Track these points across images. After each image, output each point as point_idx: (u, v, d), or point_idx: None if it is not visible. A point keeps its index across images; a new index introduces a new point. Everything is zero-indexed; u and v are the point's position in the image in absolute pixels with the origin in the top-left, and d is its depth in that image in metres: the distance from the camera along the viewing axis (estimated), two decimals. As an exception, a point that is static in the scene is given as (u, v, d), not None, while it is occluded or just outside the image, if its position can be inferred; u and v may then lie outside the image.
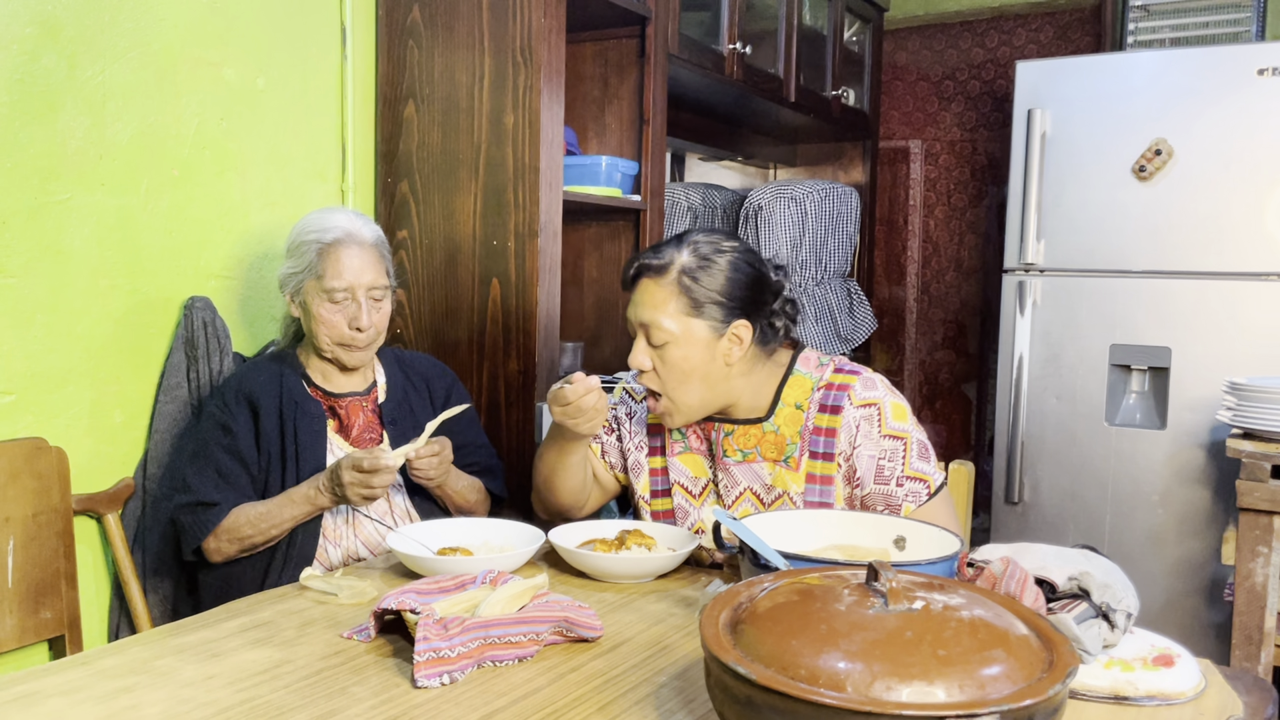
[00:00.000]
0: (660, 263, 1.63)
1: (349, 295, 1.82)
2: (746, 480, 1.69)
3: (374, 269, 1.84)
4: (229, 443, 1.79)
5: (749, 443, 1.68)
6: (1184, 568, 2.87)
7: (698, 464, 1.74)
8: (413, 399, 1.94)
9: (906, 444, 1.64)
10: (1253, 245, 2.77)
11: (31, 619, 1.79)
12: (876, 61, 3.85)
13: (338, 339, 1.83)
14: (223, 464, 1.78)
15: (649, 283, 1.63)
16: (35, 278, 1.82)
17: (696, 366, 1.62)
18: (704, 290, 1.60)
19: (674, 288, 1.61)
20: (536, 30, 2.19)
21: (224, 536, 1.74)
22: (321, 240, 1.83)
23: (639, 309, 1.64)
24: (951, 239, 4.10)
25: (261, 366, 1.89)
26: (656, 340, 1.62)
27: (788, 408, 1.67)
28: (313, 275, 1.82)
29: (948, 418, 4.14)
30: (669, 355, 1.61)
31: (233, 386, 1.85)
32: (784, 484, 1.66)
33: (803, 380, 1.69)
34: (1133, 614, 1.19)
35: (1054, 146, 3.01)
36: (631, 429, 1.81)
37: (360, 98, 2.38)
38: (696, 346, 1.61)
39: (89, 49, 1.87)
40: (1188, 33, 3.38)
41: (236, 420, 1.80)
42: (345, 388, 1.90)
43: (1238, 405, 2.40)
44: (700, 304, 1.60)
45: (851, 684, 0.83)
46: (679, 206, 3.16)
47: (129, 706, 1.09)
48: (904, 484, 1.63)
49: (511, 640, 1.21)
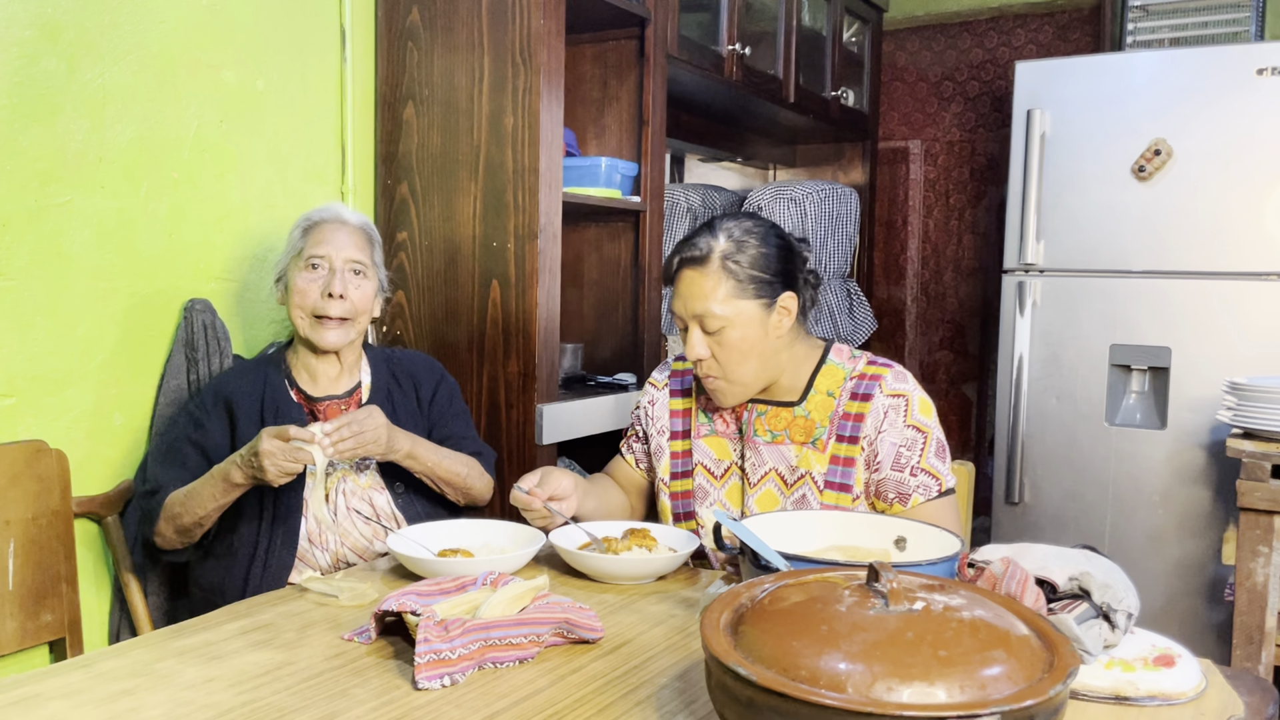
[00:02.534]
0: (700, 253, 1.65)
1: (325, 263, 1.82)
2: (773, 461, 1.71)
3: (355, 245, 1.85)
4: (197, 437, 1.80)
5: (779, 424, 1.72)
6: (1184, 568, 2.86)
7: (723, 447, 1.77)
8: (396, 399, 1.92)
9: (927, 438, 1.67)
10: (1252, 245, 2.77)
11: (32, 622, 1.78)
12: (876, 62, 3.85)
13: (310, 308, 1.81)
14: (187, 456, 1.79)
15: (693, 274, 1.66)
16: (35, 280, 1.82)
17: (754, 345, 1.65)
18: (747, 271, 1.64)
19: (720, 274, 1.64)
20: (535, 32, 2.19)
21: (162, 518, 1.74)
22: (309, 219, 1.88)
23: (689, 302, 1.66)
24: (951, 239, 4.10)
25: (247, 369, 1.90)
26: (712, 327, 1.65)
27: (820, 394, 1.71)
28: (294, 252, 1.85)
29: (947, 418, 4.14)
30: (726, 339, 1.65)
31: (213, 388, 1.86)
32: (808, 464, 1.68)
33: (835, 370, 1.73)
34: (1133, 614, 1.19)
35: (1053, 147, 3.01)
36: (654, 415, 1.85)
37: (360, 99, 2.38)
38: (751, 326, 1.65)
39: (89, 51, 1.87)
40: (1187, 33, 3.38)
41: (211, 420, 1.81)
42: (327, 390, 1.88)
43: (1238, 405, 2.40)
44: (746, 284, 1.64)
45: (852, 685, 0.83)
46: (678, 208, 3.16)
47: (130, 709, 1.09)
48: (918, 475, 1.66)
49: (512, 642, 1.21)
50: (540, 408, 2.23)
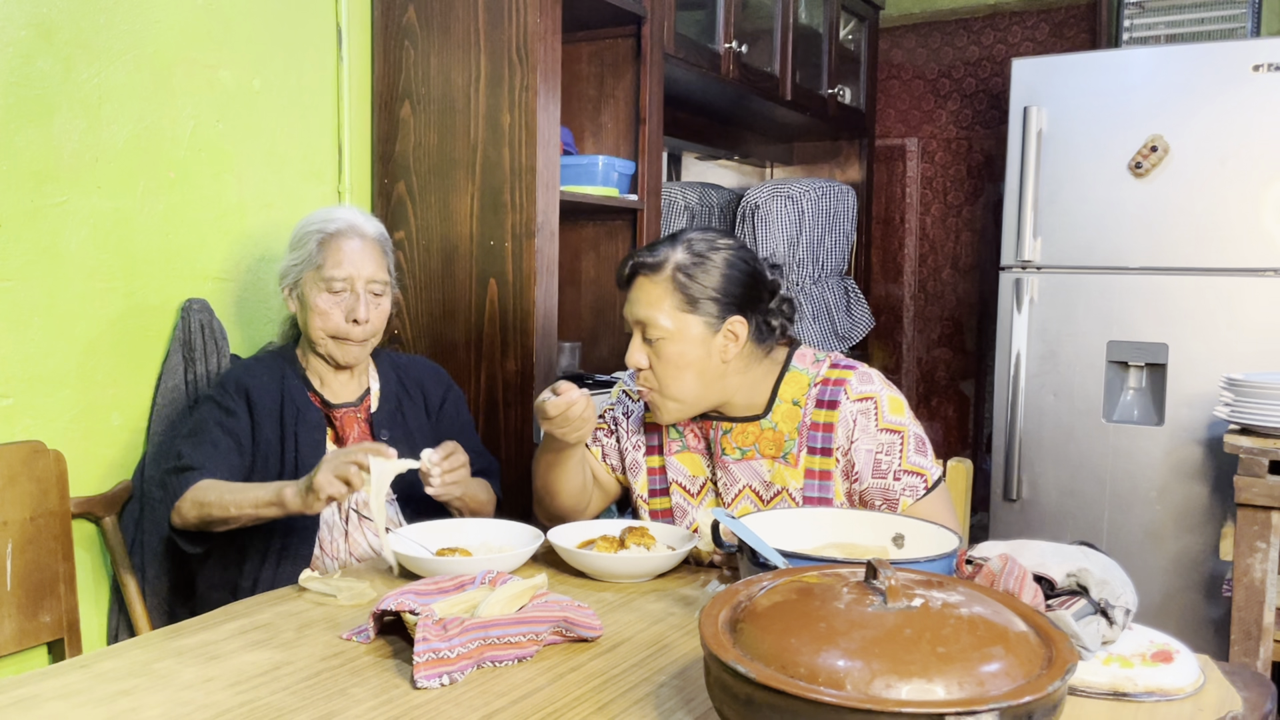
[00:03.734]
0: (655, 260, 1.64)
1: (347, 286, 1.80)
2: (745, 478, 1.69)
3: (375, 262, 1.83)
4: (228, 422, 1.78)
5: (747, 440, 1.69)
6: (1182, 564, 2.87)
7: (695, 463, 1.75)
8: (406, 408, 1.91)
9: (904, 438, 1.64)
10: (1249, 241, 2.77)
11: (30, 622, 1.78)
12: (872, 60, 3.85)
13: (332, 331, 1.81)
14: (218, 438, 1.76)
15: (644, 280, 1.64)
16: (32, 281, 1.82)
17: (692, 362, 1.62)
18: (699, 287, 1.61)
19: (669, 285, 1.62)
20: (532, 30, 2.19)
21: (189, 498, 1.67)
22: (324, 230, 1.82)
23: (635, 306, 1.65)
24: (948, 237, 4.10)
25: (263, 363, 1.88)
26: (652, 336, 1.63)
27: (785, 404, 1.68)
28: (311, 266, 1.81)
29: (945, 415, 4.14)
30: (664, 351, 1.62)
31: (233, 378, 1.84)
32: (783, 480, 1.66)
33: (799, 376, 1.69)
34: (1131, 610, 1.19)
35: (1050, 143, 3.01)
36: (629, 428, 1.81)
37: (356, 99, 2.38)
38: (691, 343, 1.62)
39: (84, 51, 1.86)
40: (1183, 29, 3.38)
41: (237, 405, 1.79)
42: (340, 396, 1.87)
43: (1235, 401, 2.40)
44: (695, 300, 1.61)
45: (851, 682, 0.83)
46: (676, 206, 3.16)
47: (129, 709, 1.09)
48: (901, 478, 1.63)
49: (511, 640, 1.21)
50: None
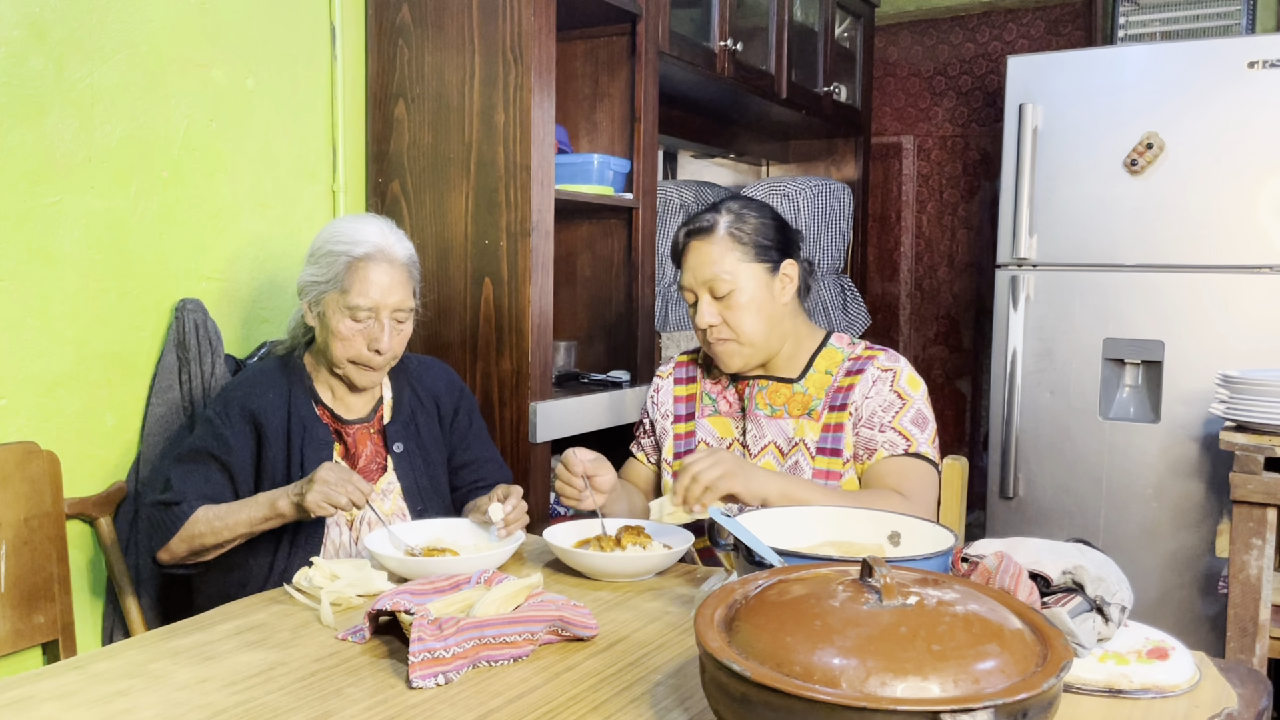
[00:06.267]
0: (707, 225, 1.80)
1: (372, 315, 1.72)
2: (772, 434, 1.81)
3: (402, 289, 1.75)
4: (220, 452, 1.72)
5: (779, 400, 1.83)
6: (1178, 561, 2.87)
7: (725, 426, 1.87)
8: (421, 422, 1.86)
9: (906, 405, 1.77)
10: (1244, 238, 2.77)
11: (25, 623, 1.78)
12: (868, 57, 3.85)
13: (353, 357, 1.74)
14: (210, 472, 1.72)
15: (701, 244, 1.79)
16: (25, 281, 1.81)
17: (762, 305, 1.78)
18: (751, 237, 1.78)
19: (727, 241, 1.78)
20: (526, 28, 2.19)
21: (180, 536, 1.65)
22: (351, 254, 1.72)
23: (698, 270, 1.79)
24: (944, 234, 4.10)
25: (268, 379, 1.80)
26: (720, 291, 1.77)
27: (818, 373, 1.83)
28: (337, 288, 1.72)
29: (941, 413, 4.14)
30: (734, 301, 1.77)
31: (237, 400, 1.77)
32: (802, 433, 1.79)
33: (834, 353, 1.86)
34: (1127, 607, 1.19)
35: (1046, 141, 3.01)
36: (659, 401, 1.95)
37: (350, 97, 2.38)
38: (758, 288, 1.78)
39: (77, 51, 1.86)
40: (1178, 26, 3.39)
41: (236, 434, 1.73)
42: (354, 411, 1.81)
43: (1231, 398, 2.40)
44: (750, 249, 1.78)
45: (846, 680, 0.83)
46: (671, 204, 3.16)
47: (123, 710, 1.09)
48: (886, 431, 1.75)
49: (506, 640, 1.21)
50: (534, 406, 2.23)
